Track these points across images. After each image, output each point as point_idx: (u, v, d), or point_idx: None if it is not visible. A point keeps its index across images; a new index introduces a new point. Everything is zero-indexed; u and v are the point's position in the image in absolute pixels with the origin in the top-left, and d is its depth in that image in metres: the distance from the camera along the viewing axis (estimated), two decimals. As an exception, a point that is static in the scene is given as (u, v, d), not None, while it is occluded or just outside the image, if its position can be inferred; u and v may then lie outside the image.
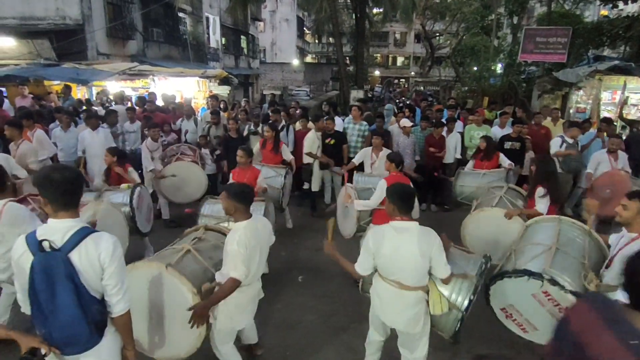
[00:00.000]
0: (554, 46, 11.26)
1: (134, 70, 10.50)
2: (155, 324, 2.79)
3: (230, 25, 23.82)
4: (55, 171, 1.92)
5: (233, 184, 3.28)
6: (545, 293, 2.80)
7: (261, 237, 2.82)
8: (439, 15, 29.76)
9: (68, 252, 1.87)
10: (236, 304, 2.76)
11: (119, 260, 1.98)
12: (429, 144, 6.89)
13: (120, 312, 2.02)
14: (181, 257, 2.84)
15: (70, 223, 1.92)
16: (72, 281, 1.85)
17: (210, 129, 7.46)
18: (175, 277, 2.65)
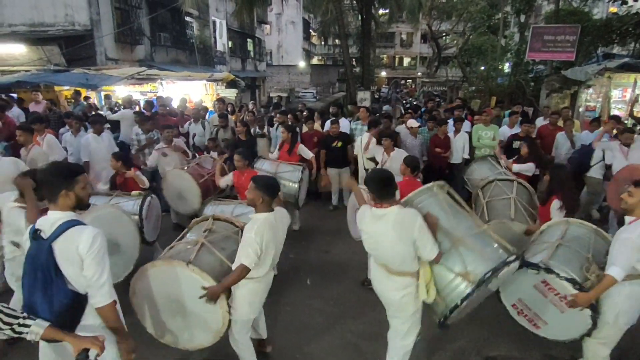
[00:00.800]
0: (562, 44, 11.14)
1: (142, 74, 10.61)
2: (180, 318, 2.94)
3: (236, 29, 23.97)
4: (50, 166, 2.12)
5: (261, 176, 3.31)
6: (544, 283, 2.92)
7: (278, 230, 2.91)
8: (445, 15, 29.60)
9: (52, 241, 1.98)
10: (253, 293, 2.89)
11: (97, 252, 2.01)
12: (435, 144, 6.86)
13: (99, 304, 2.06)
14: (197, 252, 2.94)
15: (59, 215, 2.04)
16: (44, 270, 1.97)
17: (218, 132, 7.50)
18: (197, 274, 2.76)
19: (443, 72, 33.16)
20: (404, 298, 2.75)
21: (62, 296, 1.99)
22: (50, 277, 1.96)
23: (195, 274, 2.76)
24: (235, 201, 4.64)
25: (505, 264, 2.63)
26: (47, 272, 1.96)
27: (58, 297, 1.98)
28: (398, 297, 2.76)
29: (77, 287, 2.03)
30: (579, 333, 2.93)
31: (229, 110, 8.99)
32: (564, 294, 2.82)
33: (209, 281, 2.76)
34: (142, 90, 11.79)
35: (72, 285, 2.02)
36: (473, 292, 2.57)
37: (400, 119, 8.41)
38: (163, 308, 2.95)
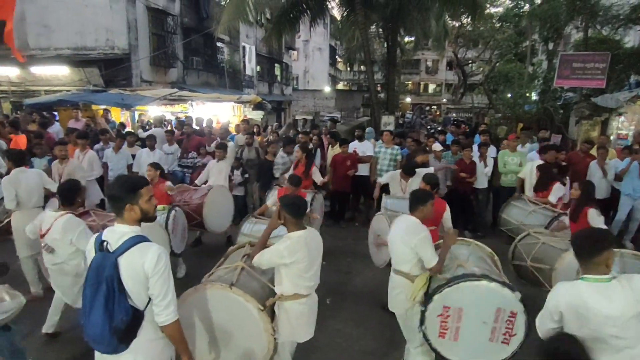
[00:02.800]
0: (591, 72, 10.98)
1: (174, 95, 11.07)
2: (223, 343, 2.82)
3: (265, 54, 24.76)
4: (115, 182, 2.16)
5: (287, 195, 3.41)
6: None
7: (312, 249, 2.86)
8: (471, 42, 29.76)
9: (118, 256, 1.99)
10: (297, 316, 2.85)
11: (163, 271, 2.03)
12: (460, 168, 6.81)
13: (164, 323, 2.06)
14: (238, 276, 2.89)
15: (125, 229, 2.07)
16: (107, 284, 1.95)
17: (242, 152, 7.68)
18: (240, 296, 2.69)
19: (469, 99, 33.07)
20: (397, 296, 3.11)
21: (123, 313, 1.98)
22: (114, 292, 1.96)
23: (239, 296, 2.69)
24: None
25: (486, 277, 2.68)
26: (111, 286, 1.95)
27: (119, 313, 1.97)
28: (394, 294, 3.15)
29: (137, 304, 2.03)
30: None
31: (254, 131, 9.22)
32: None
33: (252, 303, 2.69)
34: (173, 111, 12.27)
35: (132, 301, 2.02)
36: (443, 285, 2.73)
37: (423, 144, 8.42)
38: (205, 334, 2.82)
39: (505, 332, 2.67)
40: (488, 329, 2.69)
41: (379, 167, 7.22)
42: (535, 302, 3.38)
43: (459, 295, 2.68)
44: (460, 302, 2.70)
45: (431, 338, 2.82)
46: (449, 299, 2.71)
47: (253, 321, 2.70)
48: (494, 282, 2.62)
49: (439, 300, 2.71)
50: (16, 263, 4.79)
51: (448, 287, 2.69)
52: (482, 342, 2.72)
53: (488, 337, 2.70)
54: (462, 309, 2.70)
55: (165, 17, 15.48)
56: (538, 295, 4.23)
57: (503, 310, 2.64)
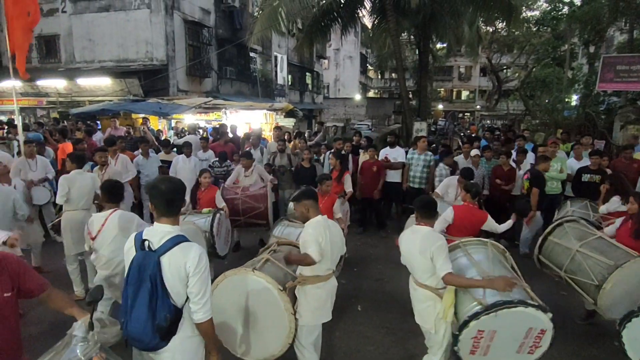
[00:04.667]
0: (637, 74, 10.43)
1: (208, 104, 11.39)
2: (248, 327, 3.04)
3: (296, 63, 25.12)
4: (162, 182, 2.18)
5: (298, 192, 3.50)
6: None
7: (333, 233, 3.06)
8: (506, 47, 29.04)
9: (161, 254, 2.06)
10: (316, 299, 2.99)
11: (203, 271, 2.09)
12: (496, 175, 6.61)
13: (200, 320, 2.13)
14: (262, 264, 3.17)
15: (168, 229, 2.13)
16: (152, 282, 2.02)
17: (275, 159, 7.77)
18: (262, 278, 2.93)
19: (503, 106, 32.16)
20: (425, 310, 3.00)
21: (166, 310, 2.04)
22: (157, 290, 2.02)
23: (261, 278, 2.92)
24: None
25: (522, 303, 2.63)
26: (154, 284, 2.01)
27: (162, 310, 2.03)
28: (420, 308, 3.05)
29: (176, 302, 2.09)
30: None
31: (286, 139, 9.31)
32: None
33: (274, 285, 2.89)
34: (207, 119, 12.61)
35: (173, 299, 2.08)
36: (481, 313, 2.64)
37: (457, 151, 8.23)
38: (234, 319, 3.04)
39: (532, 345, 2.73)
40: (517, 344, 2.73)
41: (412, 173, 7.12)
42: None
43: (496, 321, 2.66)
44: (495, 327, 2.69)
45: (462, 355, 2.83)
46: (484, 324, 2.69)
47: (274, 301, 2.91)
48: (529, 307, 2.62)
49: (475, 326, 2.70)
50: (61, 264, 5.06)
51: (486, 315, 2.66)
52: (509, 353, 2.77)
53: (516, 350, 2.75)
54: (496, 331, 2.71)
55: (201, 29, 16.03)
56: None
57: (534, 329, 2.67)
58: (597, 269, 3.63)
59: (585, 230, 4.13)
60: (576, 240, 4.00)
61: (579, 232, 4.13)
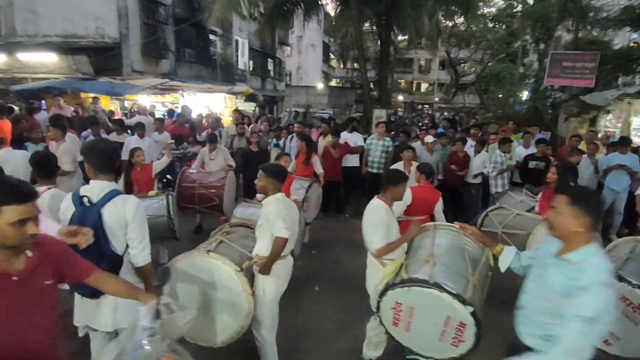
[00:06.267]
0: (581, 71, 11.11)
1: (164, 85, 10.95)
2: (204, 311, 2.96)
3: (258, 49, 24.62)
4: (99, 142, 2.46)
5: (269, 164, 3.50)
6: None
7: (293, 212, 3.10)
8: (464, 42, 29.91)
9: (101, 207, 2.23)
10: (278, 275, 3.02)
11: (141, 218, 2.33)
12: (452, 161, 6.84)
13: (140, 264, 2.34)
14: (217, 246, 3.10)
15: (106, 184, 2.31)
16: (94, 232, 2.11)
17: (233, 142, 7.63)
18: (217, 259, 2.89)
19: (460, 99, 33.29)
20: (369, 275, 3.22)
21: (108, 257, 2.22)
22: (98, 239, 2.14)
23: (216, 260, 2.88)
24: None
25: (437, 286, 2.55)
26: (95, 234, 2.12)
27: (103, 257, 2.18)
28: (367, 272, 3.25)
29: (117, 249, 2.27)
30: None
31: (245, 123, 9.16)
32: (638, 304, 2.75)
33: (229, 265, 2.86)
34: (164, 101, 12.14)
35: (114, 247, 2.26)
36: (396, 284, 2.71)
37: (415, 138, 8.44)
38: (188, 304, 2.91)
39: (455, 337, 2.67)
40: (438, 330, 2.70)
41: (371, 158, 7.24)
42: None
43: (410, 296, 2.69)
44: (411, 302, 2.71)
45: (386, 324, 2.88)
46: (401, 297, 2.73)
47: (232, 283, 2.88)
48: (445, 292, 2.56)
49: (391, 296, 2.75)
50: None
51: (400, 287, 2.70)
52: (432, 339, 2.74)
53: (438, 337, 2.72)
54: (414, 308, 2.73)
55: (157, 6, 15.29)
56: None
57: (453, 318, 2.62)
58: (518, 242, 3.93)
59: (504, 213, 4.47)
60: (499, 224, 4.35)
61: (500, 216, 4.48)
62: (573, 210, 1.79)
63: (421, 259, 2.90)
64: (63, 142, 5.50)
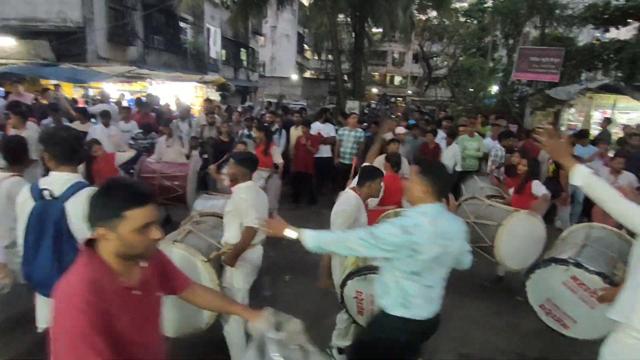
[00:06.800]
0: (546, 66, 11.48)
1: (132, 73, 10.56)
2: (170, 302, 2.80)
3: (231, 38, 24.13)
4: (62, 130, 2.25)
5: (239, 152, 3.50)
6: (574, 278, 2.95)
7: (263, 201, 3.07)
8: (437, 36, 30.31)
9: (64, 200, 2.07)
10: (246, 265, 2.96)
11: None
12: (423, 152, 6.93)
13: None
14: (184, 236, 3.03)
15: (69, 176, 2.14)
16: (56, 228, 2.01)
17: (203, 131, 7.48)
18: (183, 250, 2.81)
19: (433, 92, 33.81)
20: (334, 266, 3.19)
21: (73, 253, 1.98)
22: (62, 235, 2.03)
23: (182, 250, 2.80)
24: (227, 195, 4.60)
25: None
26: (59, 230, 2.02)
27: (69, 253, 2.02)
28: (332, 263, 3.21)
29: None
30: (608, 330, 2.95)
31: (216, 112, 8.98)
32: (594, 289, 2.83)
33: (197, 256, 2.78)
34: (131, 90, 11.72)
35: (79, 243, 2.07)
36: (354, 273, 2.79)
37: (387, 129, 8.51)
38: None
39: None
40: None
41: (343, 149, 7.25)
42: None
43: (368, 284, 2.75)
44: (371, 290, 2.77)
45: (352, 314, 2.96)
46: (360, 286, 2.81)
47: (198, 273, 2.80)
48: None
49: (351, 285, 2.83)
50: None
51: (357, 276, 2.78)
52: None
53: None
54: (373, 295, 2.74)
55: (124, -10, 14.72)
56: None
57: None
58: (489, 232, 4.09)
59: (477, 204, 4.60)
60: (471, 213, 4.47)
61: (472, 206, 4.61)
62: (419, 179, 2.05)
63: None
64: (25, 130, 5.26)
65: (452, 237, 2.01)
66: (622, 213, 1.96)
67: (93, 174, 4.88)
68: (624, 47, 11.56)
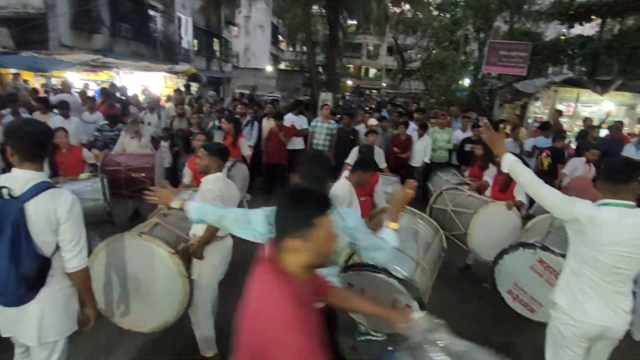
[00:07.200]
0: (515, 60, 11.77)
1: (97, 62, 10.16)
2: (138, 296, 2.83)
3: (203, 27, 23.57)
4: (27, 124, 1.99)
5: (211, 143, 3.47)
6: (540, 261, 3.08)
7: (232, 192, 3.04)
8: (410, 29, 30.53)
9: (25, 201, 1.88)
10: (215, 257, 2.91)
11: (77, 217, 1.99)
12: (394, 143, 6.99)
13: (75, 269, 2.01)
14: (151, 228, 2.96)
15: (33, 175, 1.95)
16: (14, 229, 1.83)
17: (173, 123, 7.29)
18: (150, 242, 2.75)
19: (407, 85, 34.13)
20: None
21: (32, 258, 1.90)
22: (20, 239, 1.85)
23: (149, 242, 2.75)
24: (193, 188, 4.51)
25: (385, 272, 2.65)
26: (17, 232, 1.84)
27: (27, 258, 1.88)
28: None
29: (44, 251, 1.95)
30: None
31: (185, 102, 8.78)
32: (560, 270, 2.87)
33: (164, 249, 2.73)
34: (97, 79, 11.28)
35: (39, 248, 1.93)
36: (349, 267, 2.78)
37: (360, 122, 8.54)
38: (121, 290, 2.84)
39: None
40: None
41: (315, 141, 7.22)
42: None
43: (361, 279, 2.80)
44: (361, 284, 2.82)
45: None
46: (352, 279, 2.84)
47: (166, 266, 2.76)
48: (392, 277, 2.68)
49: (344, 278, 2.84)
50: None
51: (351, 271, 2.80)
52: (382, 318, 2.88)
53: None
54: (364, 290, 2.84)
55: (88, -25, 14.09)
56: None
57: (400, 301, 2.77)
58: (464, 220, 4.21)
59: (458, 193, 4.71)
60: (450, 202, 4.58)
61: (453, 195, 4.72)
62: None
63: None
64: None
65: None
66: (541, 198, 2.24)
67: (57, 165, 4.70)
68: (586, 43, 11.99)
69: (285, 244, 1.30)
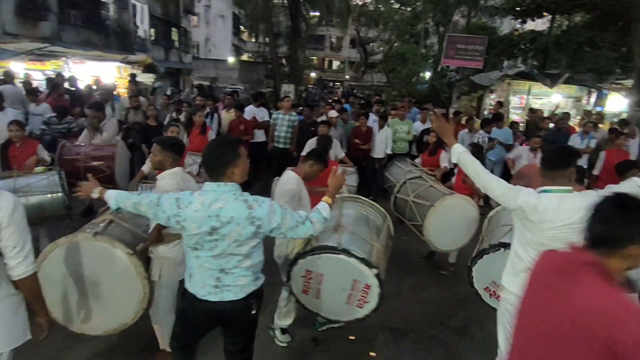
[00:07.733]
0: (472, 53, 12.15)
1: (43, 50, 9.54)
2: (94, 299, 2.70)
3: (160, 16, 22.68)
4: None
5: (165, 137, 3.35)
6: None
7: (191, 187, 2.83)
8: (373, 22, 30.82)
9: None
10: (176, 255, 2.77)
11: (20, 220, 1.82)
12: (355, 135, 7.04)
13: (22, 276, 1.84)
14: (105, 227, 2.78)
15: None
16: None
17: (128, 115, 7.00)
18: (106, 242, 2.62)
19: (370, 77, 34.48)
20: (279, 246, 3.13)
21: None
22: None
23: (105, 243, 2.61)
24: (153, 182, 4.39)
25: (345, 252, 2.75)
26: None
27: None
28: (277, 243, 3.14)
29: None
30: None
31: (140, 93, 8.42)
32: None
33: (120, 248, 2.61)
34: (44, 69, 10.60)
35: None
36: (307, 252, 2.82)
37: (321, 114, 8.54)
38: (74, 293, 2.68)
39: (360, 299, 2.91)
40: (345, 294, 2.91)
41: (277, 133, 7.15)
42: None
43: (320, 263, 2.83)
44: (321, 269, 2.86)
45: (296, 292, 3.01)
46: (311, 265, 2.86)
47: (124, 267, 2.65)
48: (352, 257, 2.75)
49: (302, 264, 2.87)
50: None
51: (310, 255, 2.82)
52: (340, 302, 2.95)
53: (345, 300, 2.93)
54: (323, 274, 2.88)
55: (31, -42, 13.15)
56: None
57: (359, 281, 2.83)
58: (422, 212, 4.30)
59: (420, 183, 4.79)
60: (412, 192, 4.67)
61: (415, 185, 4.80)
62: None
63: (329, 228, 3.00)
64: None
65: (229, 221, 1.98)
66: (488, 188, 2.34)
67: (10, 158, 4.44)
68: (537, 38, 12.55)
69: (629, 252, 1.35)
